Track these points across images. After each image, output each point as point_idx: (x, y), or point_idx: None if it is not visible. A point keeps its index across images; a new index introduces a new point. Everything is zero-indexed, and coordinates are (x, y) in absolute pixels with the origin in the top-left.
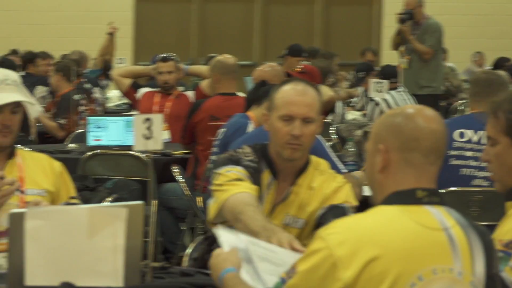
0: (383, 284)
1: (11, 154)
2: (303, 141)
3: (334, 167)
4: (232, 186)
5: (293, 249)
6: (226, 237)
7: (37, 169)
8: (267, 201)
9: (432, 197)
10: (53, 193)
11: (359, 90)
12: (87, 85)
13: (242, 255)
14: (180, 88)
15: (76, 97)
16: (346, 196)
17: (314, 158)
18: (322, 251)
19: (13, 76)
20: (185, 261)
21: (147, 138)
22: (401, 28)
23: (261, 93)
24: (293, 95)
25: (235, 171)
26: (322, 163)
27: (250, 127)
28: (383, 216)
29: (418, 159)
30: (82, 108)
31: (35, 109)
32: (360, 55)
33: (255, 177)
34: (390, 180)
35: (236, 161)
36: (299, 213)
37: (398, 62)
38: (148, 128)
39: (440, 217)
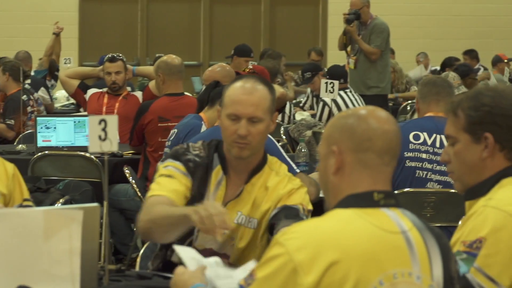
0: None
1: None
2: (250, 140)
3: (289, 168)
4: (157, 185)
5: (223, 223)
6: (189, 255)
7: None
8: (218, 198)
9: (388, 200)
10: (6, 196)
11: (308, 90)
12: (27, 86)
13: (209, 273)
14: (127, 89)
15: (24, 97)
16: (301, 198)
17: (271, 159)
18: (281, 257)
19: None
20: (138, 263)
21: (102, 139)
22: (348, 28)
23: (214, 94)
24: (240, 94)
25: (172, 166)
26: (280, 165)
27: (203, 129)
28: (341, 219)
29: (372, 160)
30: (30, 108)
31: None
32: (307, 55)
33: (198, 171)
34: (345, 182)
35: (177, 156)
36: (253, 212)
37: (346, 62)
38: (103, 130)
39: (398, 220)
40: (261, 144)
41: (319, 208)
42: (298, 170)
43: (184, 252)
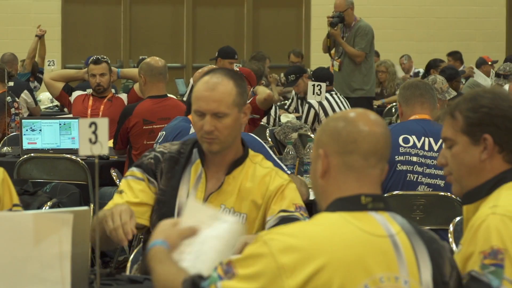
0: None
1: None
2: (217, 135)
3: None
4: (111, 202)
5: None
6: (192, 211)
7: None
8: (200, 191)
9: (376, 203)
10: None
11: (292, 92)
12: None
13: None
14: (112, 91)
15: (9, 99)
16: (292, 195)
17: (253, 153)
18: (265, 258)
19: None
20: (128, 267)
21: (93, 142)
22: (332, 31)
23: None
24: (203, 90)
25: (130, 175)
26: (262, 159)
27: (191, 131)
28: (328, 223)
29: (358, 162)
30: (14, 110)
31: None
32: (287, 57)
33: (163, 166)
34: (332, 185)
35: (137, 163)
36: (239, 206)
37: (330, 65)
38: (94, 133)
39: (385, 223)
40: (232, 137)
41: (308, 210)
42: (289, 172)
43: (194, 207)
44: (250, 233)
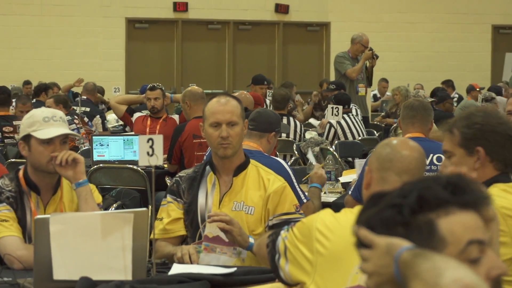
0: (338, 265)
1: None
2: (231, 141)
3: (297, 196)
4: (157, 229)
5: None
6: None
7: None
8: (216, 193)
9: None
10: None
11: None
12: (77, 111)
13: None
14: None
15: (68, 117)
16: (291, 199)
17: (253, 161)
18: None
19: (60, 113)
20: None
21: (150, 155)
22: (373, 63)
23: None
24: (217, 106)
25: (163, 204)
26: (261, 165)
27: None
28: (343, 212)
29: (392, 178)
30: (75, 126)
31: None
32: (319, 86)
33: (184, 185)
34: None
35: (167, 191)
36: (248, 201)
37: (354, 91)
38: (151, 147)
39: None
40: (239, 144)
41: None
42: (305, 200)
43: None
44: (258, 221)
